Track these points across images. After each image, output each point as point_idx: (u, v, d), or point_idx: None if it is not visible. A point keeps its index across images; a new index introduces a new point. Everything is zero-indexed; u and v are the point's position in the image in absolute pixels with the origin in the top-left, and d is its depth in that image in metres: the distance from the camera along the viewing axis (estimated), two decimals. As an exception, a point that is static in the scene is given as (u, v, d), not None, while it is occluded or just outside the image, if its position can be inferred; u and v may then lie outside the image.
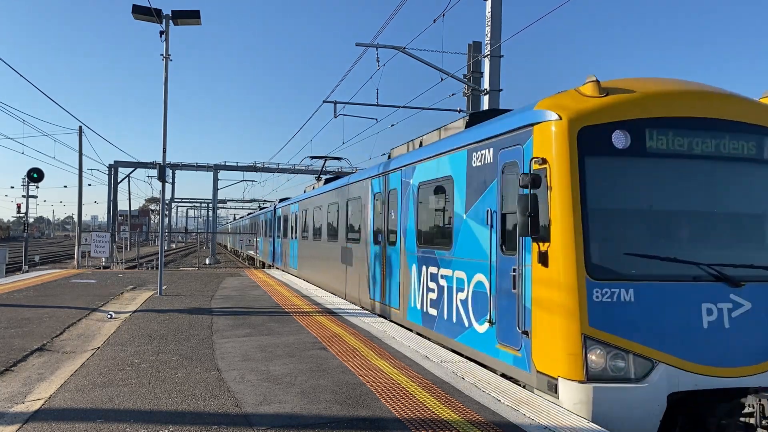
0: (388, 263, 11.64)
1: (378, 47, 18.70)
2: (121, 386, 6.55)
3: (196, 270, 27.50)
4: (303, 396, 6.21)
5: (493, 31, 18.47)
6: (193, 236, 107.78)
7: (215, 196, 57.44)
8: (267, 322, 11.00)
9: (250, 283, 19.45)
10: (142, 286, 17.85)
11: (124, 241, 46.68)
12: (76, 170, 34.34)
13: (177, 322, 11.01)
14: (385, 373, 7.22)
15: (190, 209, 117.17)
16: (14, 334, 9.52)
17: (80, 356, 8.21)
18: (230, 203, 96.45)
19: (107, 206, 51.35)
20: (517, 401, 6.06)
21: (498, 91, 18.72)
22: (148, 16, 14.68)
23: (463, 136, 8.60)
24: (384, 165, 12.37)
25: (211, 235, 59.37)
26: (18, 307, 12.63)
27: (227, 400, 6.06)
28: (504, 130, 7.28)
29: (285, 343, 9.00)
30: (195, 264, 37.20)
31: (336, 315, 12.10)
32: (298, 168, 52.66)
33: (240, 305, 13.54)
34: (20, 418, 5.49)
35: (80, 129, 34.46)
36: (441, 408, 5.82)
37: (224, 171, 55.32)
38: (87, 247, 29.94)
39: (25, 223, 34.60)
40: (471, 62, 20.69)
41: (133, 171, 54.94)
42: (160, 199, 16.58)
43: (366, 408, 5.81)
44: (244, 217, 58.51)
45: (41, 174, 30.30)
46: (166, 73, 15.46)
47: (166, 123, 15.72)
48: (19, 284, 17.57)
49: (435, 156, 9.48)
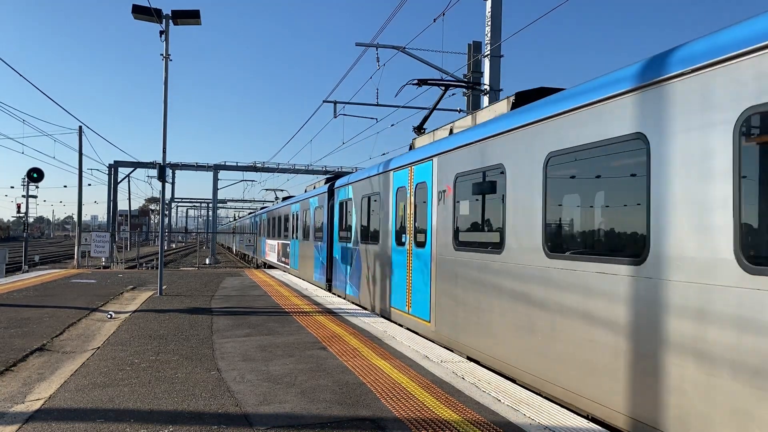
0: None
1: (378, 47, 18.71)
2: (121, 386, 6.54)
3: (196, 270, 27.50)
4: (303, 396, 6.21)
5: (493, 31, 18.48)
6: (193, 236, 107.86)
7: (215, 196, 57.42)
8: (267, 322, 11.00)
9: (250, 283, 19.45)
10: (142, 286, 17.85)
11: (124, 241, 46.66)
12: (76, 170, 34.31)
13: (177, 322, 11.01)
14: (385, 373, 7.22)
15: (190, 209, 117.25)
16: (14, 334, 9.52)
17: (80, 356, 8.21)
18: (230, 203, 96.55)
19: (107, 206, 51.32)
20: (517, 401, 6.06)
21: (498, 91, 18.73)
22: (148, 15, 14.68)
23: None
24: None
25: (211, 234, 59.35)
26: (18, 307, 12.62)
27: (227, 400, 6.06)
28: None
29: (285, 343, 9.00)
30: (195, 264, 37.20)
31: (336, 315, 12.10)
32: (298, 168, 52.70)
33: (240, 305, 13.54)
34: (20, 418, 5.48)
35: (80, 129, 34.44)
36: (441, 408, 5.82)
37: (224, 171, 55.27)
38: (87, 247, 29.92)
39: (25, 223, 34.59)
40: (471, 62, 20.69)
41: (133, 171, 54.91)
42: (160, 199, 16.57)
43: (366, 408, 5.81)
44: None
45: (41, 174, 30.29)
46: (166, 73, 15.46)
47: (166, 123, 15.72)
48: (19, 284, 17.57)
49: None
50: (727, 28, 4.58)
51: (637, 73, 5.31)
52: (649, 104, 5.14)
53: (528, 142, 7.01)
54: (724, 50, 4.44)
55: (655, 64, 5.15)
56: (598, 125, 5.74)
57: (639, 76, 5.27)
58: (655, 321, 4.92)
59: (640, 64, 5.36)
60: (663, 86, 5.00)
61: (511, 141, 7.41)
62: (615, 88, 5.53)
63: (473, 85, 18.21)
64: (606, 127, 5.63)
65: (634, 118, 5.28)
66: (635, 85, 5.28)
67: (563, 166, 6.38)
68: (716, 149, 4.47)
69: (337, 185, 17.38)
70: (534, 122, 6.88)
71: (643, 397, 5.05)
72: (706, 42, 4.67)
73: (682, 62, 4.82)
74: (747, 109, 4.26)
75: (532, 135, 6.92)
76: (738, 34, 4.38)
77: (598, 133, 5.76)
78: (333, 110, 23.92)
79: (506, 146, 7.54)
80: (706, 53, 4.61)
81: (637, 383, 5.13)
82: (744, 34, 4.32)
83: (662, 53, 5.16)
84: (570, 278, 6.08)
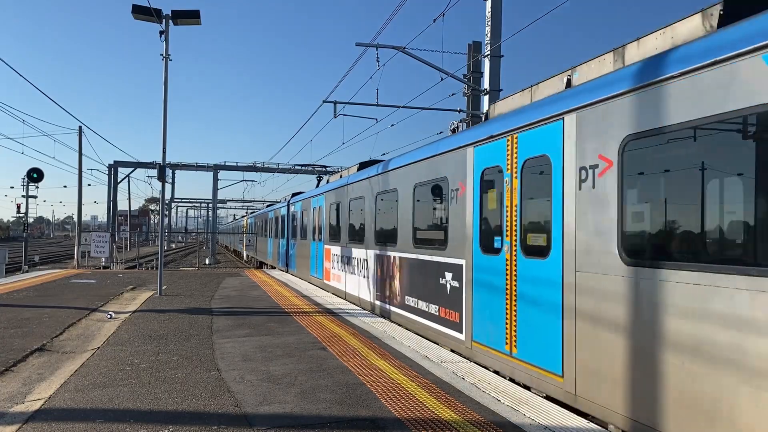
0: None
1: (378, 47, 18.70)
2: (121, 386, 6.54)
3: (195, 270, 27.49)
4: (303, 396, 6.21)
5: (493, 31, 18.48)
6: (193, 236, 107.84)
7: (215, 196, 57.42)
8: (267, 323, 10.99)
9: (250, 283, 19.44)
10: (142, 286, 17.84)
11: (124, 241, 46.63)
12: (76, 170, 34.32)
13: (177, 322, 11.01)
14: (385, 373, 7.22)
15: (190, 209, 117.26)
16: (14, 334, 9.52)
17: (80, 356, 8.20)
18: (230, 203, 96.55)
19: (107, 206, 51.32)
20: (517, 401, 6.06)
21: (498, 91, 18.74)
22: (147, 16, 14.68)
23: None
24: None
25: (211, 235, 59.34)
26: (18, 307, 12.62)
27: (227, 400, 6.06)
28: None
29: (285, 344, 9.00)
30: (195, 264, 37.18)
31: (336, 315, 12.09)
32: (298, 168, 52.68)
33: (240, 305, 13.54)
34: (20, 418, 5.48)
35: (80, 129, 34.44)
36: (441, 408, 5.82)
37: (224, 171, 55.27)
38: (87, 247, 29.93)
39: (24, 223, 34.60)
40: (471, 62, 20.69)
41: (132, 171, 54.92)
42: (160, 199, 16.57)
43: (366, 408, 5.81)
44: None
45: (41, 174, 30.30)
46: (165, 73, 15.45)
47: (166, 123, 15.72)
48: (19, 284, 17.57)
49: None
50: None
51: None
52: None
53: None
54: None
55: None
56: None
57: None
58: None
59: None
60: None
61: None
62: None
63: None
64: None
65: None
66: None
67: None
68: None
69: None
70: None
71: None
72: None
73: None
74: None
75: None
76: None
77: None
78: (333, 110, 23.92)
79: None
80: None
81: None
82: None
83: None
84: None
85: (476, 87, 20.00)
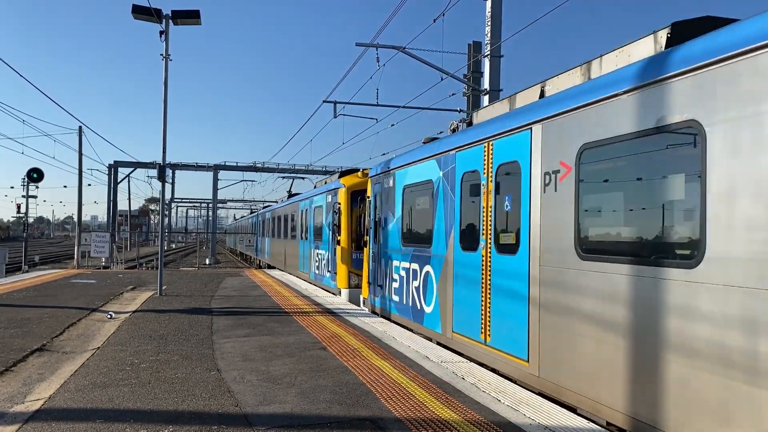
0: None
1: (378, 47, 18.71)
2: (121, 386, 6.54)
3: (196, 270, 27.49)
4: (303, 396, 6.21)
5: (493, 31, 18.48)
6: (193, 236, 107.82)
7: (215, 196, 57.43)
8: (267, 322, 10.99)
9: (250, 283, 19.44)
10: (142, 286, 17.85)
11: (124, 241, 46.64)
12: (76, 170, 34.34)
13: (177, 322, 11.01)
14: (385, 373, 7.22)
15: (190, 209, 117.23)
16: (14, 334, 9.52)
17: (80, 356, 8.20)
18: (230, 203, 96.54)
19: (107, 206, 51.34)
20: (517, 401, 6.06)
21: (498, 91, 18.73)
22: (147, 15, 14.68)
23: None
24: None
25: (211, 235, 59.35)
26: (18, 307, 12.62)
27: (227, 400, 6.06)
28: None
29: (285, 343, 9.00)
30: (195, 264, 37.18)
31: (336, 315, 12.10)
32: (298, 168, 52.69)
33: (240, 305, 13.54)
34: (20, 418, 5.48)
35: (80, 129, 34.45)
36: (441, 408, 5.82)
37: (224, 171, 55.31)
38: (87, 248, 29.90)
39: (25, 223, 34.63)
40: (471, 62, 20.69)
41: (133, 171, 54.97)
42: (160, 199, 16.57)
43: (366, 408, 5.81)
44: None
45: (41, 174, 30.31)
46: (165, 73, 15.46)
47: (166, 123, 15.73)
48: (19, 284, 17.57)
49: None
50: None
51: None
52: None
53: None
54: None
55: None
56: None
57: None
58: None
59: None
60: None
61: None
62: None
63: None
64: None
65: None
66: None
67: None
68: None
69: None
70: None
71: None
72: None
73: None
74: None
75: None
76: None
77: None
78: (333, 110, 23.93)
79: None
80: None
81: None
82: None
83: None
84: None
85: (476, 87, 20.00)
